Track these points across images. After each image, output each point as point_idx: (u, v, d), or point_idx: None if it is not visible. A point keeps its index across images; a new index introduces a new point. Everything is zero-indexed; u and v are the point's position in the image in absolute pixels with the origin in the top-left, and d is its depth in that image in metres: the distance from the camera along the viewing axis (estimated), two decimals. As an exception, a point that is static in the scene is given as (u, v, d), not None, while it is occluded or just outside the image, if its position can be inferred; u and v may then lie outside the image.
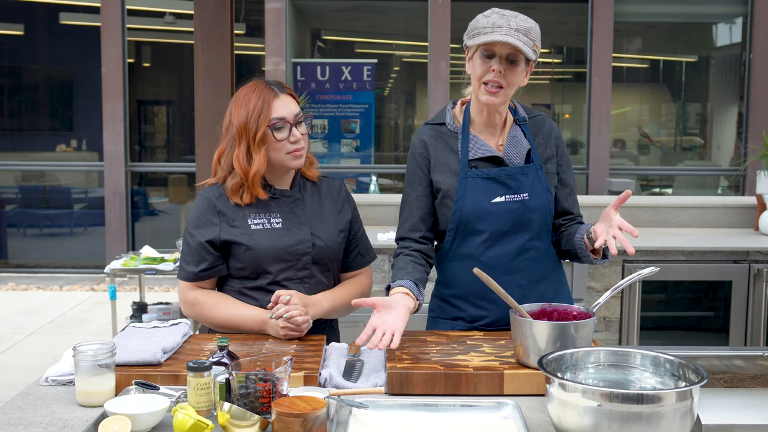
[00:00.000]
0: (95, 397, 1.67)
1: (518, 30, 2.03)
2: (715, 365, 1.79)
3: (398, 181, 8.32)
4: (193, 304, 2.19)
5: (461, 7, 7.76)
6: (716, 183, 8.53)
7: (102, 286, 7.51)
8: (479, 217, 2.15)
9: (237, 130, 2.14)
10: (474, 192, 2.14)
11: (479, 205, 2.14)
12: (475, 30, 2.08)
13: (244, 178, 2.14)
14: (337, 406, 1.62)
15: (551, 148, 2.24)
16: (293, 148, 2.16)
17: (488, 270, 1.99)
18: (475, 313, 2.21)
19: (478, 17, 2.10)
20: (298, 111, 2.18)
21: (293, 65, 7.99)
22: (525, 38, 2.03)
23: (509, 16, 2.06)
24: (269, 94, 2.14)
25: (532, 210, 2.16)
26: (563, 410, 1.40)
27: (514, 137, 2.20)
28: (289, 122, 2.15)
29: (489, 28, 2.04)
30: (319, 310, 2.15)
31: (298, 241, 2.17)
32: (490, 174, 2.15)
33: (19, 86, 9.05)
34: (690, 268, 4.06)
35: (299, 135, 2.16)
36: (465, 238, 2.18)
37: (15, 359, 5.30)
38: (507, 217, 2.15)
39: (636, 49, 8.96)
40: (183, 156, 8.98)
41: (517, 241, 2.16)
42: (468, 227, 2.16)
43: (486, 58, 2.07)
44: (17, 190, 8.83)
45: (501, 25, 2.03)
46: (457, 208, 2.16)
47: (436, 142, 2.22)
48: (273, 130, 2.13)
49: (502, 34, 2.02)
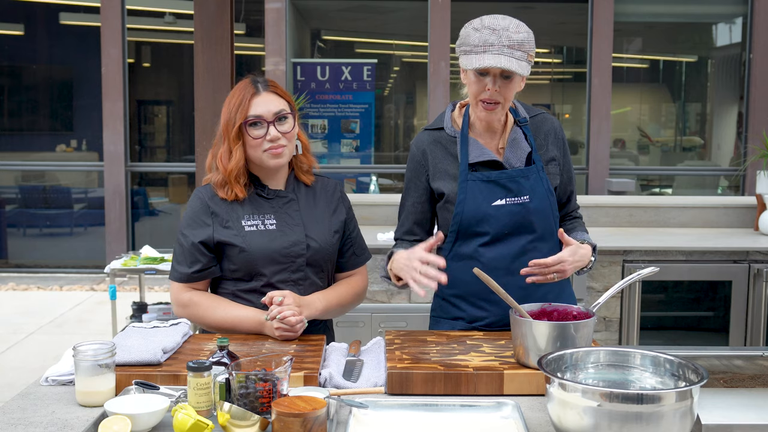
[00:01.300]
0: (95, 397, 1.67)
1: (511, 46, 1.99)
2: (715, 365, 1.79)
3: (398, 181, 8.32)
4: (188, 305, 2.17)
5: (461, 7, 7.76)
6: (716, 183, 8.53)
7: (102, 286, 7.51)
8: (480, 221, 2.15)
9: (222, 127, 2.17)
10: (474, 195, 2.14)
11: (480, 209, 2.14)
12: (466, 46, 2.04)
13: (224, 174, 2.15)
14: (337, 406, 1.62)
15: (553, 148, 2.23)
16: (269, 146, 2.13)
17: (489, 271, 1.99)
18: (475, 314, 2.21)
19: (469, 30, 2.04)
20: (280, 109, 2.15)
21: (293, 65, 7.99)
22: (518, 52, 1.99)
23: (501, 30, 1.99)
24: (249, 92, 2.15)
25: (533, 212, 2.16)
26: (563, 410, 1.40)
27: (515, 140, 2.19)
28: (266, 120, 2.13)
29: (480, 47, 1.99)
30: (312, 310, 2.14)
31: (293, 243, 2.17)
32: (490, 177, 2.15)
33: (19, 86, 9.05)
34: (690, 268, 4.06)
35: (276, 133, 2.13)
36: (466, 240, 2.18)
37: (15, 359, 5.30)
38: (508, 219, 2.15)
39: (636, 49, 8.96)
40: (183, 156, 8.98)
41: (518, 243, 2.16)
42: (469, 230, 2.16)
43: (480, 76, 2.05)
44: (17, 190, 8.83)
45: (493, 43, 1.98)
46: (458, 211, 2.15)
47: (435, 149, 2.21)
48: (247, 126, 2.13)
49: (494, 54, 1.98)
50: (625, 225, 4.69)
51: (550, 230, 2.21)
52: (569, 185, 2.28)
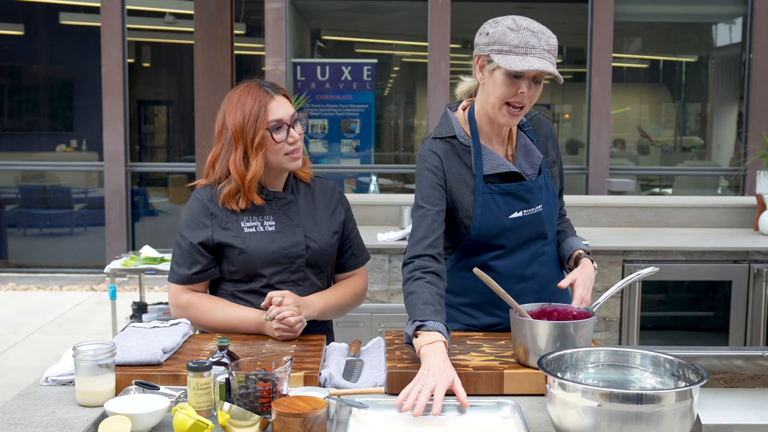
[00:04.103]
0: (95, 397, 1.67)
1: (549, 51, 1.91)
2: (715, 365, 1.79)
3: (398, 181, 8.32)
4: (187, 307, 2.16)
5: (461, 7, 7.76)
6: (716, 183, 8.53)
7: (102, 286, 7.51)
8: (498, 234, 2.08)
9: (233, 134, 2.11)
10: (491, 209, 2.06)
11: (497, 222, 2.07)
12: (502, 45, 1.92)
13: (240, 183, 2.11)
14: (337, 406, 1.62)
15: (552, 151, 2.21)
16: (291, 149, 2.14)
17: (503, 279, 1.97)
18: (489, 321, 2.17)
19: (505, 30, 1.92)
20: (293, 112, 2.16)
21: (293, 65, 7.99)
22: (553, 57, 1.93)
23: (539, 33, 1.92)
24: (265, 97, 2.12)
25: (545, 220, 2.13)
26: (563, 410, 1.40)
27: (525, 146, 2.13)
28: (286, 123, 2.13)
29: (522, 48, 1.89)
30: (311, 311, 2.13)
31: (292, 244, 2.16)
32: (507, 189, 2.07)
33: (19, 86, 9.05)
34: (690, 268, 4.06)
35: (297, 136, 2.15)
36: (477, 252, 2.12)
37: (15, 359, 5.30)
38: (525, 231, 2.10)
39: (636, 49, 8.96)
40: (183, 156, 8.98)
41: (531, 250, 2.13)
42: (485, 244, 2.09)
43: (514, 79, 1.93)
44: (17, 190, 8.83)
45: (534, 45, 1.90)
46: (475, 225, 2.06)
47: (451, 157, 2.08)
48: (272, 132, 2.11)
49: (537, 57, 1.89)
50: (625, 225, 4.70)
51: (554, 233, 2.21)
52: (560, 183, 2.26)
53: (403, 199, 4.62)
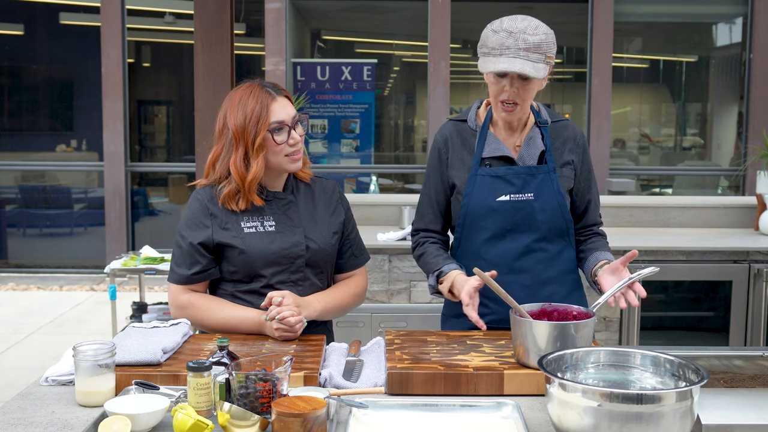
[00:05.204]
0: (95, 397, 1.67)
1: (527, 49, 2.00)
2: (715, 365, 1.79)
3: (398, 181, 8.32)
4: (186, 307, 2.16)
5: (461, 7, 7.76)
6: (716, 183, 8.53)
7: (102, 286, 7.51)
8: (484, 215, 2.17)
9: (234, 134, 2.10)
10: (481, 189, 2.17)
11: (485, 203, 2.17)
12: (485, 48, 2.07)
13: (240, 184, 2.11)
14: (337, 406, 1.62)
15: (570, 153, 2.23)
16: (292, 150, 2.14)
17: (491, 268, 2.02)
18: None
19: (488, 32, 2.07)
20: (295, 113, 2.16)
21: (293, 65, 7.99)
22: (535, 55, 2.01)
23: (518, 33, 2.01)
24: (267, 98, 2.11)
25: (538, 211, 2.16)
26: (563, 410, 1.40)
27: (531, 138, 2.20)
28: (287, 125, 2.13)
29: (497, 49, 2.02)
30: (311, 311, 2.13)
31: (292, 245, 2.16)
32: (497, 172, 2.17)
33: (19, 86, 9.05)
34: (690, 268, 4.06)
35: (298, 137, 2.15)
36: (470, 235, 2.21)
37: (15, 359, 5.30)
38: (510, 216, 2.16)
39: (636, 49, 8.96)
40: (183, 156, 8.98)
41: (521, 241, 2.17)
42: (473, 224, 2.19)
43: (498, 77, 2.08)
44: (17, 190, 8.83)
45: (509, 46, 2.01)
46: (465, 203, 2.19)
47: (456, 139, 2.24)
48: (273, 133, 2.11)
49: (509, 57, 2.01)
50: (625, 225, 4.69)
51: (559, 231, 2.21)
52: (587, 194, 2.28)
53: (403, 199, 4.62)
